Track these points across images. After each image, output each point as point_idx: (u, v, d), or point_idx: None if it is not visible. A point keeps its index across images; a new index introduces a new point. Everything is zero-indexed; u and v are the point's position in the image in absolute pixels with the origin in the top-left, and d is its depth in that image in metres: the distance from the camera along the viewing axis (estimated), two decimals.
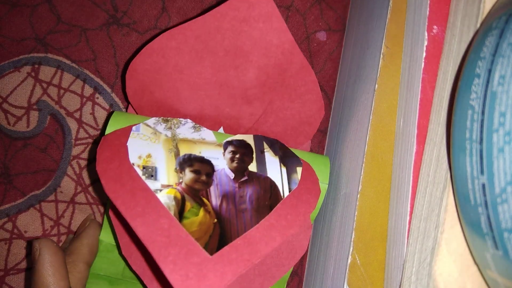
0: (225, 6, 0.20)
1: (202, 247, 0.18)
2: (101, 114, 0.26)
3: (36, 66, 0.25)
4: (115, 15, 0.26)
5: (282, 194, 0.20)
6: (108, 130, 0.20)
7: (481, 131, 0.13)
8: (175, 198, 0.19)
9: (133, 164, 0.19)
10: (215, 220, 0.19)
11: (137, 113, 0.23)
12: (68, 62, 0.26)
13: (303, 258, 0.27)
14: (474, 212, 0.13)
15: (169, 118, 0.21)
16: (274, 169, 0.21)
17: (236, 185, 0.20)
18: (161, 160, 0.20)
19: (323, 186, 0.21)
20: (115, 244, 0.22)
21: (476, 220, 0.13)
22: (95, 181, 0.26)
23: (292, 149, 0.22)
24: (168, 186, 0.19)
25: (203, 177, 0.20)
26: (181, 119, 0.22)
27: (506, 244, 0.12)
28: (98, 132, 0.26)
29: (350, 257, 0.18)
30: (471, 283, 0.15)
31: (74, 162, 0.26)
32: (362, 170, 0.19)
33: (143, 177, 0.19)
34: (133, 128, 0.20)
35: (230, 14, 0.20)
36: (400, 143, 0.17)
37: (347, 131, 0.23)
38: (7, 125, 0.25)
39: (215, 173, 0.20)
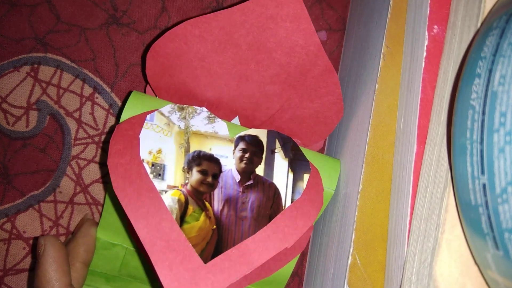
0: (252, 2, 0.19)
1: (198, 253, 0.18)
2: (100, 114, 0.26)
3: (36, 66, 0.25)
4: (115, 15, 0.26)
5: (284, 204, 0.20)
6: (125, 110, 0.20)
7: (482, 131, 0.13)
8: (179, 200, 0.19)
9: (143, 160, 0.19)
10: (214, 226, 0.19)
11: (155, 94, 0.23)
12: (67, 61, 0.26)
13: (303, 259, 0.27)
14: (474, 212, 0.13)
15: (184, 106, 0.21)
16: (281, 174, 0.21)
17: (240, 189, 0.20)
18: (171, 157, 0.20)
19: (329, 191, 0.21)
20: (112, 242, 0.22)
21: (476, 220, 0.13)
22: (95, 181, 0.26)
23: (304, 150, 0.22)
24: (173, 187, 0.20)
25: (209, 179, 0.20)
26: (196, 107, 0.22)
27: (507, 245, 0.12)
28: (98, 132, 0.26)
29: (350, 257, 0.18)
30: (471, 283, 0.15)
31: (73, 162, 0.26)
32: (363, 170, 0.19)
33: (151, 176, 0.19)
34: (148, 117, 0.20)
35: (257, 10, 0.20)
36: (401, 143, 0.17)
37: (347, 131, 0.23)
38: (7, 125, 0.25)
39: (221, 174, 0.20)
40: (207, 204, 0.20)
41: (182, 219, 0.19)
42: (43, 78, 0.25)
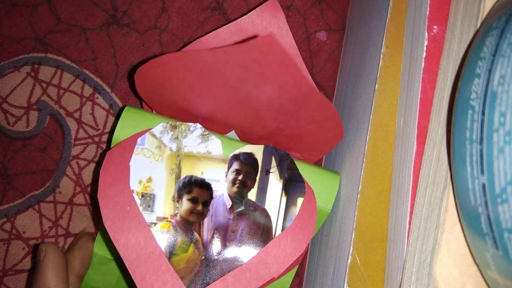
0: (233, 48, 0.18)
1: (186, 286, 0.19)
2: (100, 114, 0.26)
3: (36, 66, 0.25)
4: (115, 15, 0.26)
5: (274, 232, 0.20)
6: (118, 129, 0.20)
7: (481, 131, 0.13)
8: (168, 232, 0.20)
9: (132, 191, 0.20)
10: (203, 257, 0.20)
11: (149, 106, 0.23)
12: (67, 62, 0.26)
13: (303, 259, 0.27)
14: (474, 212, 0.13)
15: (177, 123, 0.21)
16: (274, 199, 0.21)
17: (231, 216, 0.20)
18: (161, 186, 0.20)
19: (325, 210, 0.21)
20: (108, 257, 0.22)
21: (476, 220, 0.13)
22: (94, 182, 0.26)
23: (302, 164, 0.21)
24: (163, 219, 0.20)
25: (199, 207, 0.20)
26: (190, 124, 0.21)
27: (507, 244, 0.12)
28: (98, 132, 0.26)
29: (350, 257, 0.18)
30: (471, 283, 0.15)
31: (73, 162, 0.26)
32: (362, 170, 0.19)
33: (141, 208, 0.19)
34: (138, 141, 0.20)
35: (240, 54, 0.18)
36: (400, 143, 0.17)
37: (347, 131, 0.23)
38: (7, 125, 0.25)
39: (212, 200, 0.20)
40: (196, 234, 0.20)
41: (171, 251, 0.19)
42: (43, 78, 0.25)
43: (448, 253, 0.15)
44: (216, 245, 0.20)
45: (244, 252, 0.20)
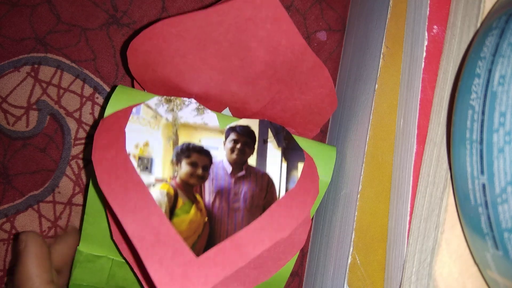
0: (227, 5, 0.18)
1: (189, 247, 0.18)
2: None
3: (36, 66, 0.25)
4: (115, 15, 0.26)
5: (278, 194, 0.20)
6: (110, 105, 0.20)
7: (481, 131, 0.13)
8: (167, 194, 0.19)
9: (129, 154, 0.19)
10: (206, 218, 0.19)
11: (142, 87, 0.22)
12: (67, 62, 0.26)
13: (303, 259, 0.27)
14: (474, 212, 0.13)
15: (172, 97, 0.20)
16: (274, 164, 0.20)
17: (232, 180, 0.20)
18: (158, 150, 0.19)
19: (325, 180, 0.20)
20: (96, 254, 0.21)
21: (476, 220, 0.13)
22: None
23: (298, 138, 0.21)
24: (162, 180, 0.19)
25: (199, 171, 0.19)
26: (185, 99, 0.21)
27: (506, 244, 0.12)
28: None
29: (350, 257, 0.18)
30: (471, 283, 0.15)
31: (73, 162, 0.26)
32: (362, 170, 0.19)
33: (138, 170, 0.18)
34: (133, 110, 0.20)
35: (233, 13, 0.19)
36: (400, 143, 0.17)
37: (347, 131, 0.23)
38: (7, 125, 0.25)
39: (212, 165, 0.20)
40: (198, 196, 0.19)
41: (172, 212, 0.18)
42: (43, 78, 0.25)
43: (448, 253, 0.15)
44: (219, 207, 0.19)
45: (249, 213, 0.19)
